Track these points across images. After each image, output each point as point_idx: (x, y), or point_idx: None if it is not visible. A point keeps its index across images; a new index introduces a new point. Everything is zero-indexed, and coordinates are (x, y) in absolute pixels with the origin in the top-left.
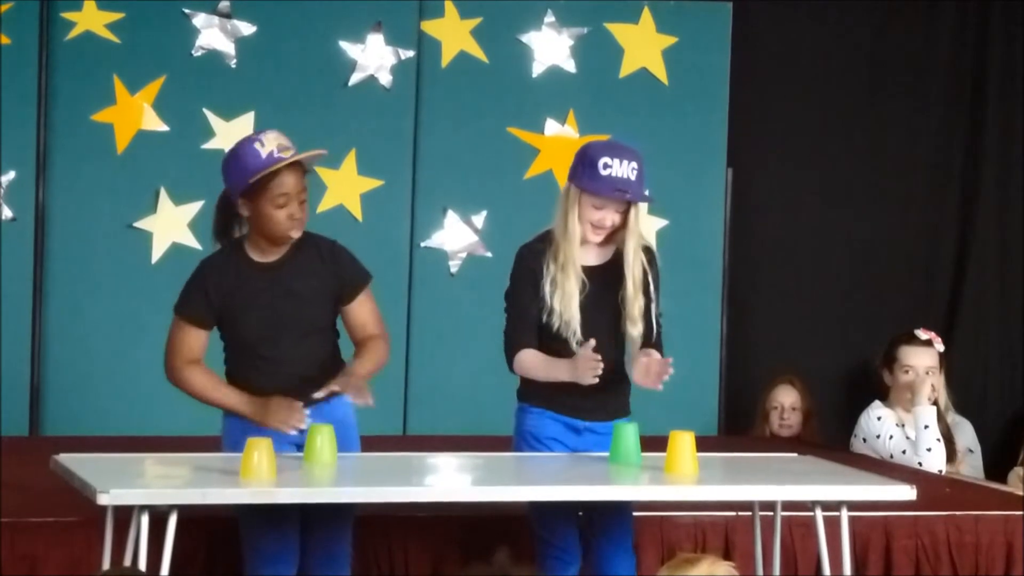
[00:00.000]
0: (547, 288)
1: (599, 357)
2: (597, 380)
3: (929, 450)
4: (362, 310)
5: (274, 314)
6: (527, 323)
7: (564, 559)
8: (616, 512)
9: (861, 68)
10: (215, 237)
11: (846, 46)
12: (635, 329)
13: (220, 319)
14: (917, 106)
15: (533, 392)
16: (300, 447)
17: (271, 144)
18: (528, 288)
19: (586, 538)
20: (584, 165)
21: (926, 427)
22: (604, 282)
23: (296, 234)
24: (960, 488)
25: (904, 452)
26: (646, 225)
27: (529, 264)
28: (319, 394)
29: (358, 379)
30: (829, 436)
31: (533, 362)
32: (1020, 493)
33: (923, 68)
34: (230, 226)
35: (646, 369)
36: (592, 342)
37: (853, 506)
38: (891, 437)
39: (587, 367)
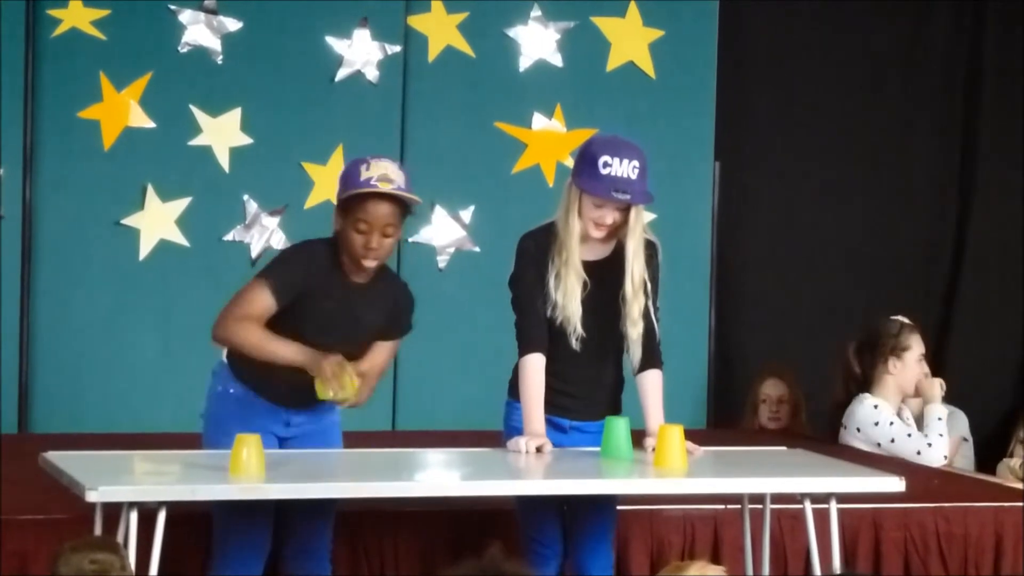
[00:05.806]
0: (551, 282)
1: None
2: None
3: (940, 436)
4: (381, 354)
5: (336, 330)
6: (537, 318)
7: (546, 554)
8: (598, 509)
9: (850, 60)
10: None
11: (833, 38)
12: (635, 330)
13: (293, 303)
14: (909, 97)
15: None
16: (283, 441)
17: (376, 171)
18: (534, 281)
19: (568, 534)
20: (584, 163)
21: (939, 419)
22: (604, 279)
23: (369, 264)
24: (949, 480)
25: (909, 436)
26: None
27: (534, 256)
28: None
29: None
30: (818, 429)
31: (523, 377)
32: (1009, 485)
33: (916, 59)
34: None
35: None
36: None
37: (842, 498)
38: (891, 423)
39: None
